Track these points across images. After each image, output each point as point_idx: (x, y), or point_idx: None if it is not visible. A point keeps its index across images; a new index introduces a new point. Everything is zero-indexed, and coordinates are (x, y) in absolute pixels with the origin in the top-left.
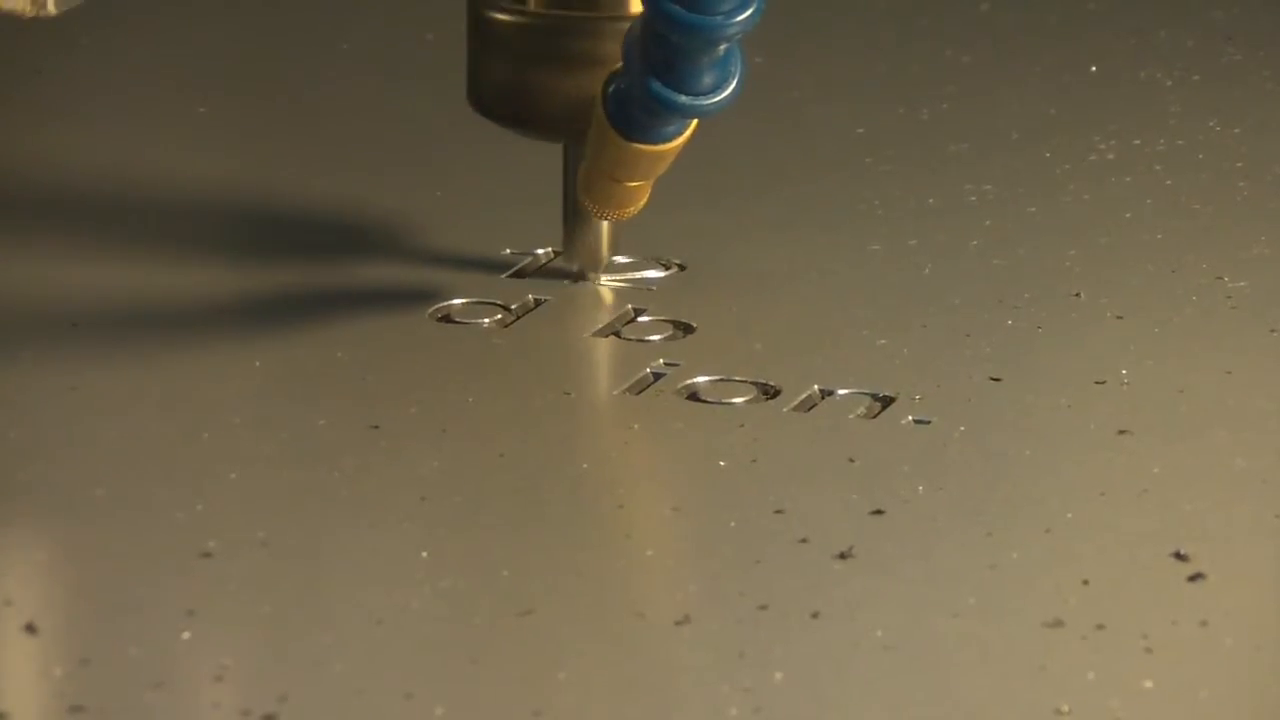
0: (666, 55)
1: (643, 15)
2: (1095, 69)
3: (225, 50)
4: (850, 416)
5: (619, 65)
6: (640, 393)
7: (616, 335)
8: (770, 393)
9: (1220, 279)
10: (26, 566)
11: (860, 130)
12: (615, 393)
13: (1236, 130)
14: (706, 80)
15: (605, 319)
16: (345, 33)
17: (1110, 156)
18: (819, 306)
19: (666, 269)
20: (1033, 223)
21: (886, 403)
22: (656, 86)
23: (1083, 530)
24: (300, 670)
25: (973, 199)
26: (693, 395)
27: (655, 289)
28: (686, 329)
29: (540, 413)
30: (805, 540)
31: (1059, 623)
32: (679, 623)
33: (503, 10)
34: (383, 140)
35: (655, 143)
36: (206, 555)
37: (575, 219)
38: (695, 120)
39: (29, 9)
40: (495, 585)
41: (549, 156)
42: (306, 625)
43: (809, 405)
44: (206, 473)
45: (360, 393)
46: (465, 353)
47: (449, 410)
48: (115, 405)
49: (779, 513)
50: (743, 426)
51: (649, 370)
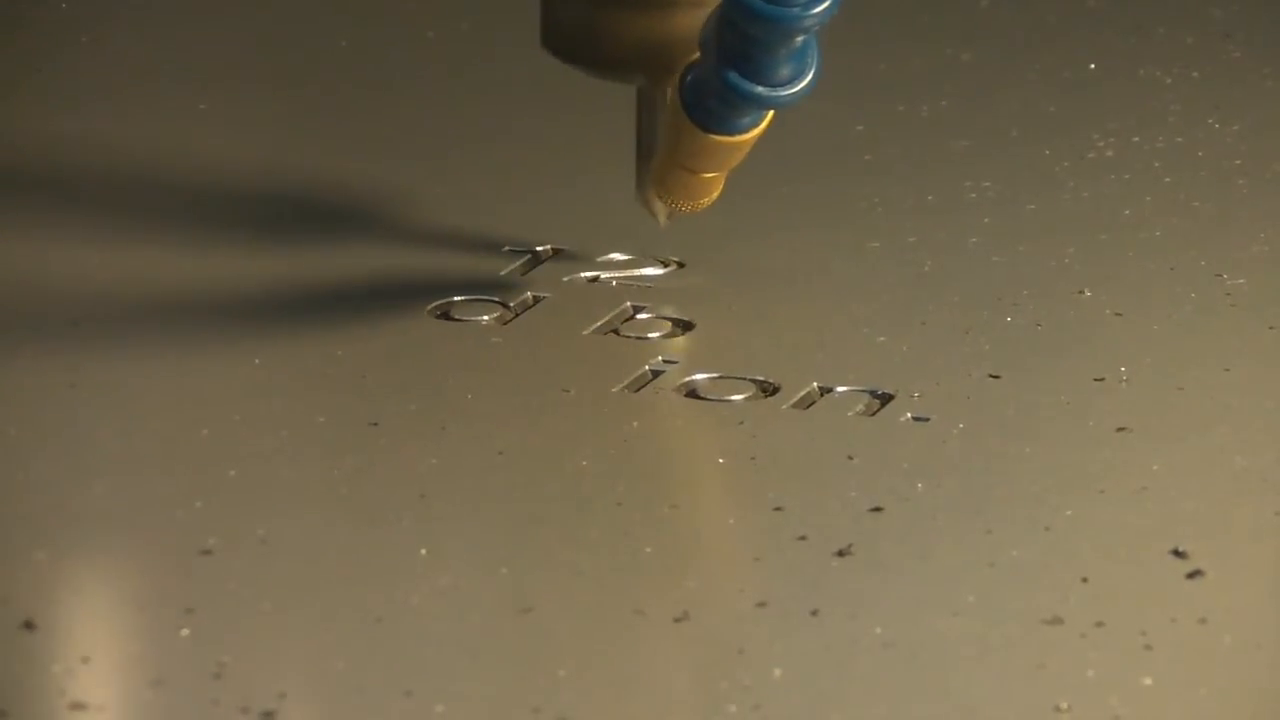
0: (743, 46)
1: (720, 6)
2: (1095, 66)
3: (225, 47)
4: (849, 414)
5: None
6: (639, 390)
7: (615, 332)
8: (769, 390)
9: (1219, 276)
10: (25, 563)
11: (860, 127)
12: (614, 390)
13: (1236, 128)
14: (783, 71)
15: (604, 316)
16: (345, 30)
17: (1109, 154)
18: (818, 303)
19: (665, 266)
20: (1032, 220)
21: (886, 400)
22: (733, 77)
23: (1082, 528)
24: (299, 667)
25: (972, 196)
26: (692, 392)
27: (653, 285)
28: (685, 326)
29: (539, 410)
30: (804, 538)
31: (1058, 620)
32: (678, 620)
33: None
34: (383, 138)
35: (731, 133)
36: (206, 552)
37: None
38: (771, 112)
39: None
40: (494, 582)
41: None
42: (306, 622)
43: (808, 402)
44: (206, 470)
45: (359, 390)
46: (464, 350)
47: (448, 407)
48: (115, 402)
49: (778, 510)
50: (742, 424)
51: (648, 367)
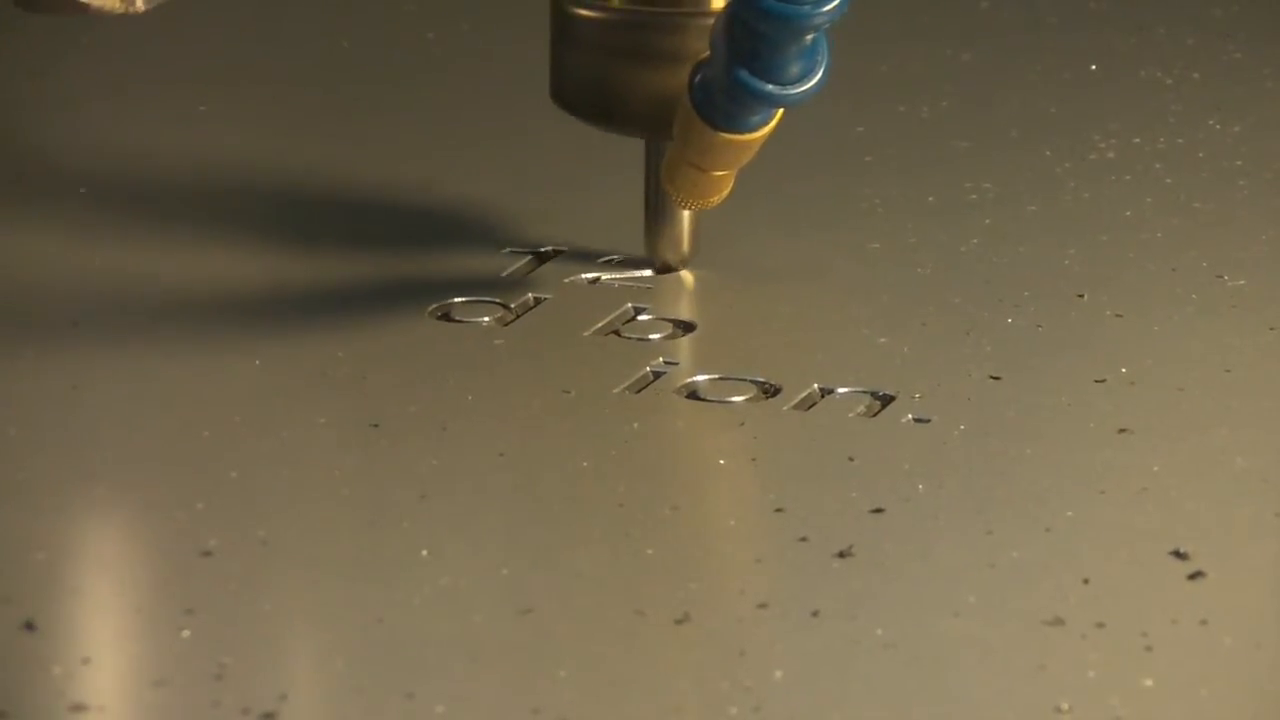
0: (753, 44)
1: (730, 4)
2: (1095, 67)
3: (226, 49)
4: (850, 415)
5: (706, 54)
6: (640, 391)
7: (616, 334)
8: (770, 391)
9: (1220, 277)
10: (26, 564)
11: (860, 128)
12: (615, 391)
13: (1236, 129)
14: (793, 70)
15: (605, 317)
16: (347, 32)
17: (1110, 155)
18: (819, 305)
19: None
20: (1033, 221)
21: (886, 401)
22: (743, 75)
23: (1083, 529)
24: (300, 669)
25: (973, 197)
26: (693, 394)
27: (654, 286)
28: (686, 327)
29: (540, 411)
30: (805, 539)
31: (1059, 621)
32: (679, 621)
33: (587, 6)
34: (384, 139)
35: (741, 132)
36: (207, 554)
37: (658, 213)
38: (781, 110)
39: (119, 6)
40: (495, 583)
41: (550, 156)
42: (306, 624)
43: (809, 404)
44: (207, 471)
45: (360, 391)
46: (465, 351)
47: (449, 409)
48: (116, 403)
49: (779, 511)
50: (743, 425)
51: (649, 369)
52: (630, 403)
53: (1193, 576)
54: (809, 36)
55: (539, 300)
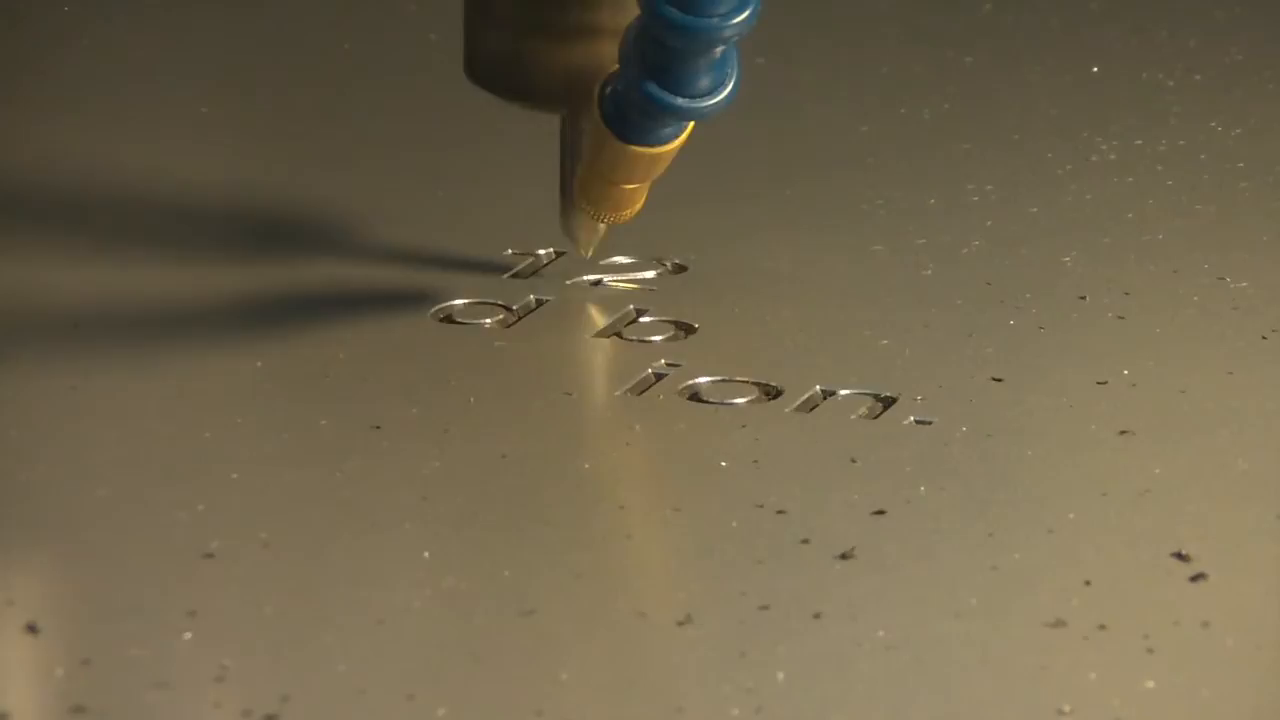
0: (663, 57)
1: (639, 17)
2: (1097, 69)
3: (226, 49)
4: (852, 417)
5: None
6: (642, 393)
7: (618, 336)
8: (772, 393)
9: (1222, 279)
10: (28, 566)
11: (862, 130)
12: (617, 393)
13: (1238, 131)
14: (703, 82)
15: (607, 320)
16: (347, 32)
17: (1112, 157)
18: (821, 307)
19: (668, 269)
20: (1034, 223)
21: (888, 403)
22: (653, 88)
23: (1084, 530)
24: (302, 670)
25: (975, 199)
26: (694, 396)
27: (656, 288)
28: (688, 329)
29: (542, 413)
30: (807, 540)
31: (1061, 623)
32: (681, 623)
33: None
34: (384, 140)
35: (652, 145)
36: (208, 555)
37: (571, 195)
38: (692, 123)
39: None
40: (497, 585)
41: (552, 158)
42: (308, 625)
43: (811, 405)
44: (208, 473)
45: (362, 393)
46: (467, 353)
47: (450, 410)
48: (117, 405)
49: (781, 513)
50: (744, 427)
51: (650, 371)
52: (632, 404)
53: (1194, 578)
54: (718, 49)
55: (541, 302)
